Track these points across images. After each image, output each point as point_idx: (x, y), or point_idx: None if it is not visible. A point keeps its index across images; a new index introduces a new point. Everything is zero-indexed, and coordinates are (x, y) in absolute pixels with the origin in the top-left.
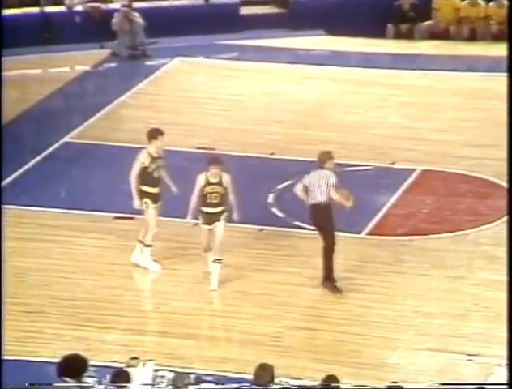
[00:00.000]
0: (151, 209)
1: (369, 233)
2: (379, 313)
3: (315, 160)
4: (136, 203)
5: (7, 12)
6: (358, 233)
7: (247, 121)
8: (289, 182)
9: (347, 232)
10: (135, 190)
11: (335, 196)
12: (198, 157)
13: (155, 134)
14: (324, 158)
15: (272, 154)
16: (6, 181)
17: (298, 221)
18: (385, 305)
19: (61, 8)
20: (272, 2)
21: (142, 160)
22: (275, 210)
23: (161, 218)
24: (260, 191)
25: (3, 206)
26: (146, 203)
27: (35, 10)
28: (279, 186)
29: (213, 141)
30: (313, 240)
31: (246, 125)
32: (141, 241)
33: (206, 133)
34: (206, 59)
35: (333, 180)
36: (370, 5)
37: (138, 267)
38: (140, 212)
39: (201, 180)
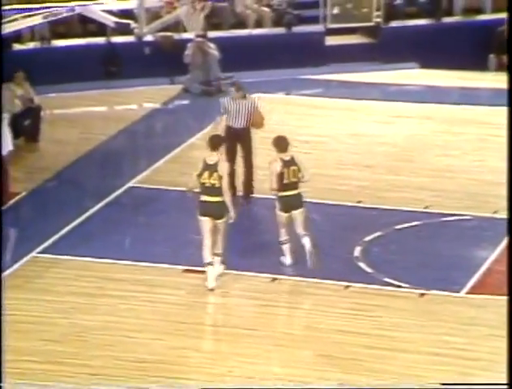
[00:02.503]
0: None
1: (470, 292)
2: (483, 381)
3: (407, 209)
4: None
5: (70, 42)
6: (457, 292)
7: (331, 165)
8: (378, 234)
9: (446, 290)
10: None
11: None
12: (273, 204)
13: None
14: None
15: (359, 202)
16: (65, 230)
17: (388, 278)
18: (489, 373)
19: (130, 38)
20: (361, 30)
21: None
22: (362, 265)
23: (240, 272)
24: (345, 244)
25: (62, 256)
26: None
27: (100, 40)
28: (367, 238)
29: None
30: (406, 299)
31: (330, 169)
32: (218, 255)
33: None
34: (287, 96)
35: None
36: (469, 33)
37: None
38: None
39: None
